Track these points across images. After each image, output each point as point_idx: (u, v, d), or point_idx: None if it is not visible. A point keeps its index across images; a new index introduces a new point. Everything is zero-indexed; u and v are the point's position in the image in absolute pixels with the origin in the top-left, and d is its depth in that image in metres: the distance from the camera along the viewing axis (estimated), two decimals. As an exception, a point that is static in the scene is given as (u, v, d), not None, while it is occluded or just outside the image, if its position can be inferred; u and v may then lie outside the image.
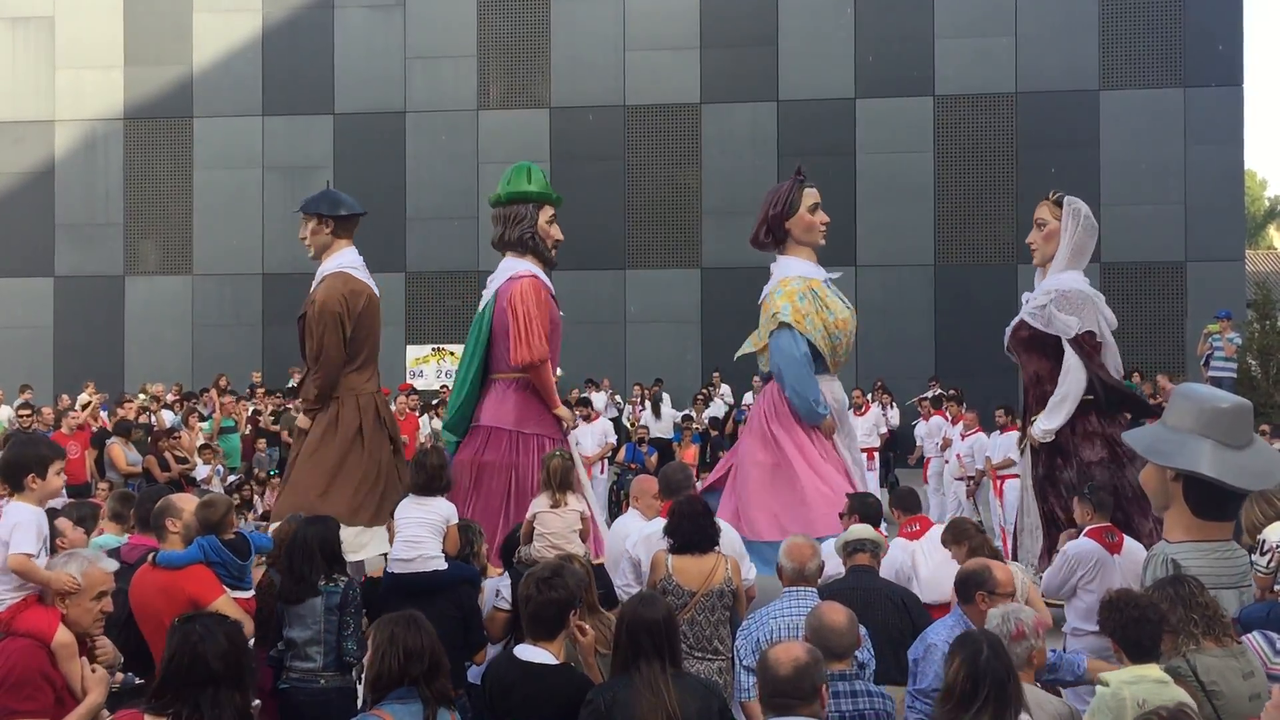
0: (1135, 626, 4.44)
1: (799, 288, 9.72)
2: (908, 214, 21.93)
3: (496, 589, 6.39)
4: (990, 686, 3.87)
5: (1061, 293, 9.89)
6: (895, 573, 6.92)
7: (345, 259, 9.19)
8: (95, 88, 24.25)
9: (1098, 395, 9.79)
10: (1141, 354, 21.47)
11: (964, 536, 6.73)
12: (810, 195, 9.99)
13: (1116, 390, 9.89)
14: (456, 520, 6.28)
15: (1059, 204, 10.29)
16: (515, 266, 9.27)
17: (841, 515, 7.39)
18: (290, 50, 23.82)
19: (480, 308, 9.42)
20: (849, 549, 6.28)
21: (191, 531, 5.69)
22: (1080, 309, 9.84)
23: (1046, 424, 9.82)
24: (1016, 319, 10.37)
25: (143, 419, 16.41)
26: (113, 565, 5.08)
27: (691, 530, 6.04)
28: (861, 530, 6.59)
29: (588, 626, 5.05)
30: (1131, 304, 21.99)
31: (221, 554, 5.63)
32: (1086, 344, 9.77)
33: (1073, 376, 9.73)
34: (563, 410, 9.38)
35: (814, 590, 5.49)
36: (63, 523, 6.59)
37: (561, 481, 6.66)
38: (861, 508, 7.26)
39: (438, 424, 17.34)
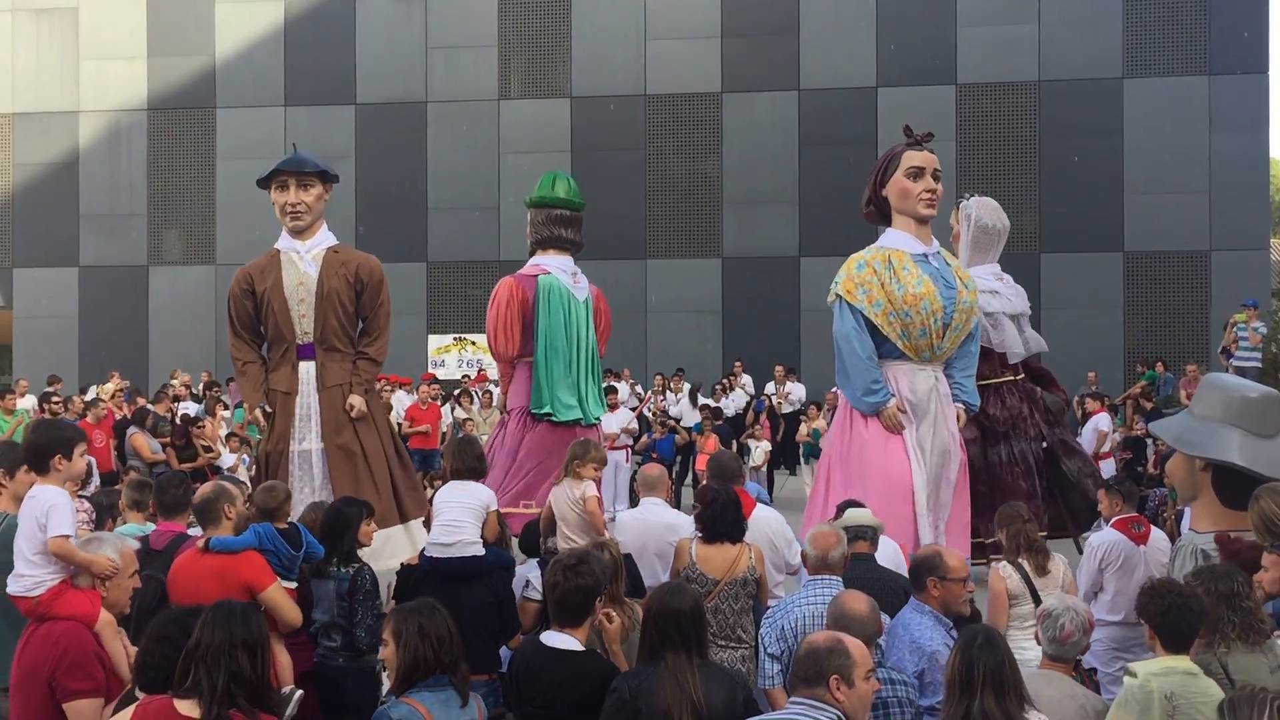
0: (1177, 614, 4.37)
1: (868, 256, 8.75)
2: (929, 203, 21.81)
3: (526, 579, 6.42)
4: (984, 671, 3.93)
5: None
6: None
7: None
8: (119, 78, 24.38)
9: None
10: (1165, 343, 21.39)
11: (1005, 522, 6.66)
12: (913, 159, 8.88)
13: None
14: (496, 506, 6.31)
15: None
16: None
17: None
18: (312, 40, 23.89)
19: (582, 299, 9.99)
20: (848, 535, 6.22)
21: (243, 519, 5.73)
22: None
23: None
24: None
25: (179, 412, 16.53)
26: (135, 544, 5.15)
27: (728, 520, 6.00)
28: (860, 515, 6.50)
29: (614, 613, 5.07)
30: (1155, 293, 21.91)
31: (275, 542, 5.66)
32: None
33: None
34: None
35: (838, 579, 5.47)
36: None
37: (566, 464, 6.83)
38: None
39: (460, 413, 17.44)
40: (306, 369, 8.58)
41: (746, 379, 20.59)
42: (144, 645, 4.14)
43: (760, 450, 15.62)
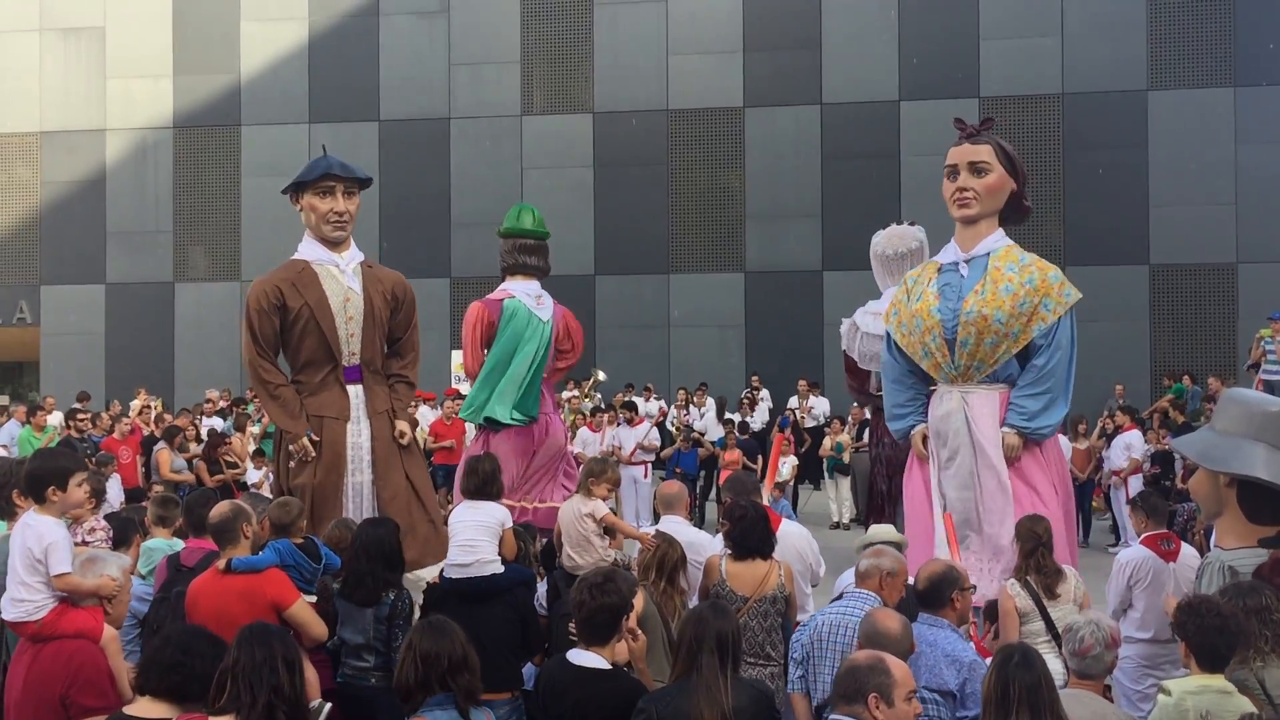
0: (1216, 635, 4.33)
1: (910, 274, 8.49)
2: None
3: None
4: (1020, 690, 3.92)
5: None
6: None
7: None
8: (145, 97, 24.58)
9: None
10: (1192, 357, 21.24)
11: (1022, 538, 6.58)
12: (949, 156, 8.27)
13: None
14: (511, 524, 6.30)
15: None
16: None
17: None
18: (336, 58, 24.03)
19: (545, 319, 10.90)
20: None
21: (259, 537, 5.74)
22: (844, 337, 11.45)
23: None
24: None
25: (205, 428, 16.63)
26: (126, 561, 5.19)
27: (757, 536, 5.99)
28: (883, 531, 6.48)
29: (640, 632, 5.07)
30: (1182, 306, 21.78)
31: (296, 557, 5.67)
32: (846, 362, 11.63)
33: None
34: None
35: (867, 593, 5.44)
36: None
37: (581, 481, 6.87)
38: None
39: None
40: (355, 393, 7.89)
41: (764, 393, 20.55)
42: (171, 651, 4.08)
43: (788, 465, 15.58)
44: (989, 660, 5.05)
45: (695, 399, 19.43)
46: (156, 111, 24.60)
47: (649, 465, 16.09)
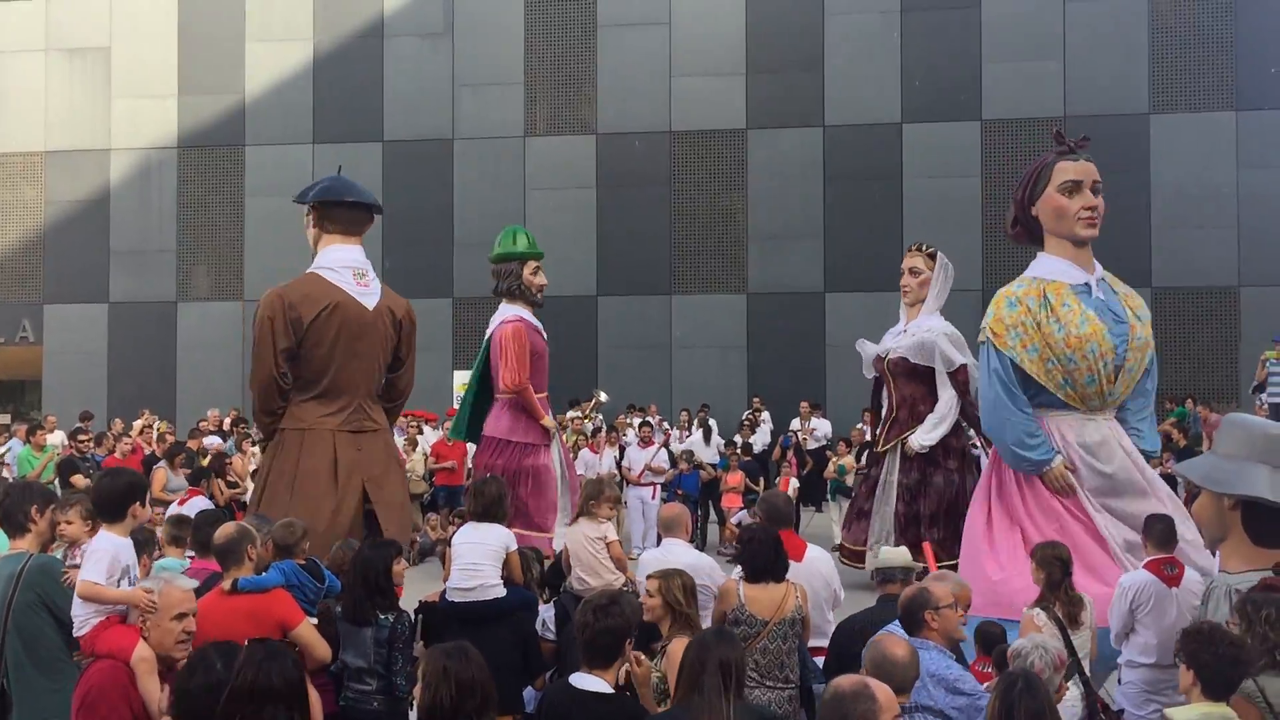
0: (1229, 665, 4.31)
1: (1019, 291, 7.82)
2: (955, 239, 21.73)
3: (541, 619, 6.40)
4: (1024, 716, 3.92)
5: (947, 334, 12.00)
6: None
7: (325, 258, 9.29)
8: (150, 117, 24.68)
9: (969, 418, 11.71)
10: (1195, 380, 21.23)
11: (1044, 565, 6.50)
12: (1066, 170, 7.98)
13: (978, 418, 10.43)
14: (515, 546, 6.28)
15: (932, 256, 12.47)
16: (505, 312, 11.70)
17: None
18: (340, 79, 24.13)
19: (482, 344, 11.93)
20: (878, 576, 6.14)
21: (261, 559, 5.73)
22: (963, 348, 11.82)
23: (925, 439, 11.85)
24: (889, 351, 12.44)
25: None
26: (192, 584, 5.06)
27: (766, 558, 5.90)
28: (894, 555, 6.42)
29: (643, 656, 5.04)
30: (1184, 329, 21.76)
31: (300, 577, 5.67)
32: (962, 377, 11.76)
33: (952, 402, 11.89)
34: (548, 421, 11.44)
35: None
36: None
37: (581, 505, 6.87)
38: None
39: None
40: None
41: (765, 414, 20.50)
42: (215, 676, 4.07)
43: (790, 488, 15.60)
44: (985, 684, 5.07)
45: (698, 420, 19.37)
46: (161, 131, 24.69)
47: (657, 487, 16.04)
